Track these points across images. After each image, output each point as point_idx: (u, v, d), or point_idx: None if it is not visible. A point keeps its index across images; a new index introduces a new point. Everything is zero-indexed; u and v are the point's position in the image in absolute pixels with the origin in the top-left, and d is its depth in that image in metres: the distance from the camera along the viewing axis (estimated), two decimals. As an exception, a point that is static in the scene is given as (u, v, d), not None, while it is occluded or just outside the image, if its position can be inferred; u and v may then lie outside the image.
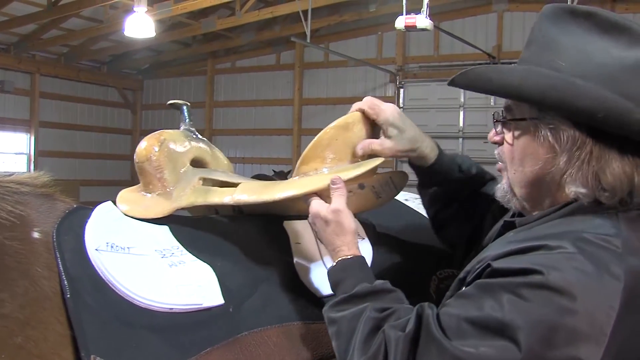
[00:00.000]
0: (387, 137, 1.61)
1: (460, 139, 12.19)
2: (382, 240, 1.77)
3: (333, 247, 1.44)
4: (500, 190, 1.39)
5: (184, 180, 1.65)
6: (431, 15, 7.41)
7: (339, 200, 1.46)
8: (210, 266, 1.47)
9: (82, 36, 13.09)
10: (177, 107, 1.86)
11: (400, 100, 12.74)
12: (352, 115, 1.62)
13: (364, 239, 1.70)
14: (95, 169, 15.01)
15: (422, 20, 7.24)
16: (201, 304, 1.38)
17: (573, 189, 1.21)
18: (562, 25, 1.27)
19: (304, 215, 1.60)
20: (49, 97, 14.28)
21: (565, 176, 1.22)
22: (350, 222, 1.45)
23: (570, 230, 1.17)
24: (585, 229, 1.17)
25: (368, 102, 1.63)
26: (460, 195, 1.69)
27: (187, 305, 1.36)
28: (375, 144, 1.62)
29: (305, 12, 9.99)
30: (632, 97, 1.17)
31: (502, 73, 1.27)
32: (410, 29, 7.38)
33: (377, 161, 1.60)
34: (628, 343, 1.11)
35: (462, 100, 12.09)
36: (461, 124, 12.19)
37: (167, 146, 1.65)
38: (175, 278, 1.39)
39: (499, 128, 1.36)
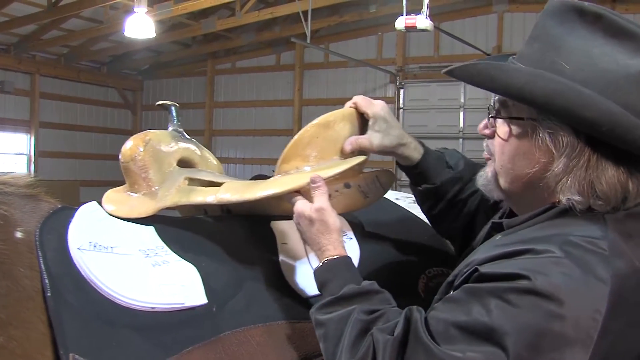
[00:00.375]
0: (375, 132, 1.61)
1: (461, 140, 12.18)
2: (370, 239, 1.77)
3: (318, 246, 1.43)
4: (483, 178, 1.38)
5: (170, 180, 1.65)
6: (431, 16, 7.40)
7: (321, 198, 1.45)
8: (195, 266, 1.47)
9: (82, 37, 13.10)
10: (166, 107, 1.86)
11: (401, 101, 12.74)
12: (333, 113, 1.62)
13: (351, 238, 1.70)
14: (95, 170, 15.01)
15: (423, 21, 7.24)
16: (184, 303, 1.38)
17: (568, 196, 1.19)
18: (568, 24, 1.23)
19: (290, 216, 1.60)
20: (49, 97, 14.29)
21: (560, 182, 1.19)
22: (334, 220, 1.44)
23: (557, 234, 1.16)
24: (572, 232, 1.16)
25: (360, 97, 1.65)
26: (451, 190, 1.69)
27: (170, 304, 1.36)
28: (363, 139, 1.61)
29: (305, 12, 9.99)
30: (634, 108, 1.16)
31: (506, 73, 1.23)
32: (411, 29, 7.37)
33: (359, 159, 1.60)
34: (615, 347, 1.10)
35: (462, 100, 12.08)
36: (461, 125, 12.18)
37: (153, 146, 1.65)
38: (158, 277, 1.39)
39: (492, 120, 1.34)
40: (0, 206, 1.32)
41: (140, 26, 9.66)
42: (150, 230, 1.53)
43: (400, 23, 7.32)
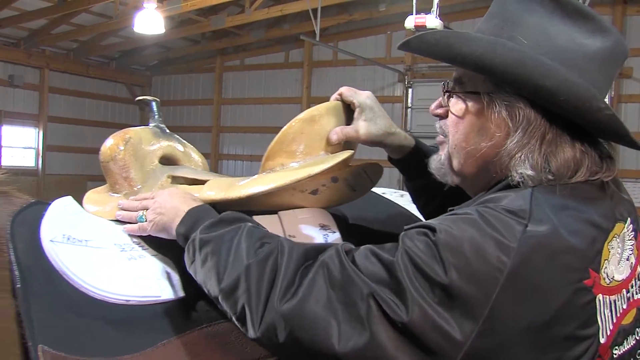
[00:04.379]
0: (362, 121, 1.57)
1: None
2: (353, 232, 1.74)
3: (172, 214, 1.39)
4: (436, 161, 1.36)
5: (152, 179, 1.63)
6: (441, 15, 7.34)
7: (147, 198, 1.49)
8: (172, 261, 1.45)
9: (91, 32, 13.14)
10: (147, 103, 1.84)
11: (409, 100, 12.71)
12: (317, 107, 1.58)
13: (335, 232, 1.67)
14: (103, 165, 15.07)
15: (432, 20, 7.18)
16: (159, 297, 1.36)
17: (521, 170, 1.16)
18: (526, 3, 1.22)
19: (272, 211, 1.58)
20: (58, 92, 14.34)
21: (514, 157, 1.17)
22: (166, 192, 1.46)
23: (484, 204, 1.14)
24: (498, 199, 1.14)
25: (344, 88, 1.61)
26: (444, 186, 1.66)
27: (145, 297, 1.34)
28: (349, 129, 1.57)
29: (314, 10, 9.98)
30: (591, 85, 1.15)
31: (465, 40, 1.20)
32: (420, 28, 7.31)
33: (346, 153, 1.57)
34: (511, 313, 1.04)
35: (470, 100, 12.01)
36: (469, 125, 12.13)
37: (133, 144, 1.63)
38: (133, 271, 1.38)
39: (445, 99, 1.32)
40: None
41: (149, 22, 9.70)
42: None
43: (410, 22, 7.27)
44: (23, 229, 1.34)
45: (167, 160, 1.71)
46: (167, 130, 1.77)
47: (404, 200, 2.02)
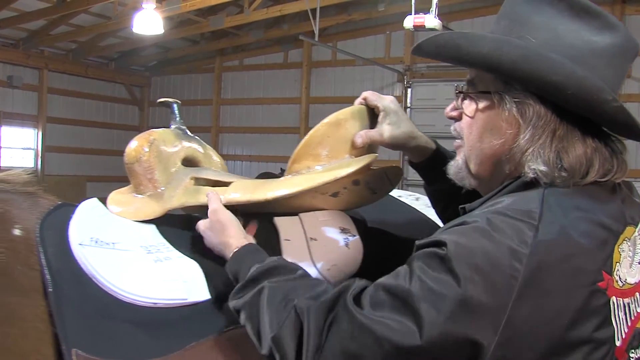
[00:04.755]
0: (387, 124, 1.59)
1: (468, 140, 12.14)
2: (373, 236, 1.75)
3: (222, 245, 1.43)
4: (454, 166, 1.37)
5: (176, 180, 1.64)
6: (440, 15, 7.38)
7: (213, 202, 1.50)
8: (197, 262, 1.46)
9: (90, 32, 13.13)
10: (168, 105, 1.83)
11: (408, 100, 12.72)
12: (343, 111, 1.60)
13: (355, 235, 1.68)
14: (102, 165, 15.05)
15: (431, 20, 7.21)
16: (186, 299, 1.37)
17: (534, 167, 1.17)
18: (534, 3, 1.24)
19: (294, 212, 1.59)
20: (57, 92, 14.32)
21: (526, 153, 1.18)
22: (227, 216, 1.47)
23: (494, 209, 1.14)
24: (508, 205, 1.14)
25: (369, 92, 1.64)
26: (462, 190, 1.67)
27: (172, 300, 1.35)
28: (373, 132, 1.60)
29: (313, 10, 9.99)
30: (600, 79, 1.16)
31: (472, 40, 1.22)
32: (419, 28, 7.35)
33: (371, 157, 1.59)
34: (529, 318, 1.05)
35: (469, 100, 12.04)
36: (469, 125, 12.15)
37: (157, 146, 1.63)
38: (160, 273, 1.39)
39: (459, 102, 1.33)
40: None
41: (148, 22, 9.69)
42: (151, 227, 1.53)
43: (409, 22, 7.30)
44: (52, 231, 1.34)
45: (189, 162, 1.72)
46: (188, 132, 1.79)
47: (419, 203, 2.03)
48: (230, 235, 1.42)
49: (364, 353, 1.09)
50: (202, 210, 1.80)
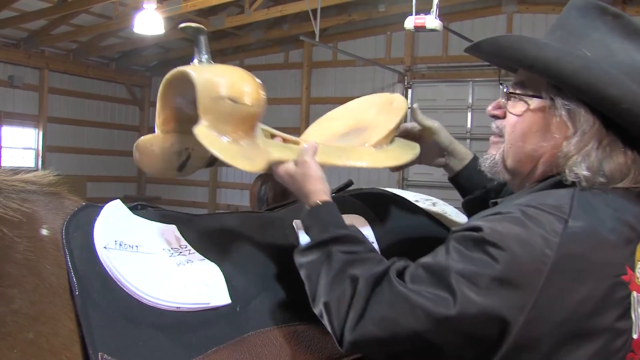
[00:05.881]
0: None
1: (468, 140, 12.16)
2: (386, 237, 1.76)
3: (305, 192, 1.47)
4: (489, 159, 1.43)
5: (257, 132, 1.51)
6: (440, 16, 7.37)
7: (306, 153, 1.50)
8: (218, 265, 1.47)
9: (91, 32, 13.10)
10: (189, 33, 1.56)
11: (409, 100, 12.72)
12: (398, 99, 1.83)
13: (372, 242, 1.69)
14: (102, 165, 15.04)
15: (432, 21, 7.20)
16: (208, 303, 1.38)
17: (577, 171, 1.23)
18: (589, 19, 1.31)
19: None
20: (57, 92, 14.30)
21: (572, 158, 1.24)
22: (317, 170, 1.48)
23: (526, 202, 1.23)
24: (541, 200, 1.22)
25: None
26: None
27: (194, 304, 1.36)
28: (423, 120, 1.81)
29: (314, 11, 9.98)
30: None
31: (538, 45, 1.28)
32: (420, 29, 7.34)
33: (417, 147, 1.74)
34: (554, 302, 1.13)
35: (470, 101, 12.06)
36: (469, 125, 12.16)
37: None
38: (182, 277, 1.39)
39: (505, 101, 1.38)
40: (23, 204, 1.33)
41: (149, 22, 9.68)
42: (172, 229, 1.53)
43: (409, 23, 7.29)
44: (77, 233, 1.35)
45: None
46: None
47: (436, 209, 2.04)
48: (315, 187, 1.46)
49: (399, 319, 1.18)
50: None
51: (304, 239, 1.45)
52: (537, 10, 11.63)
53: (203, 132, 1.38)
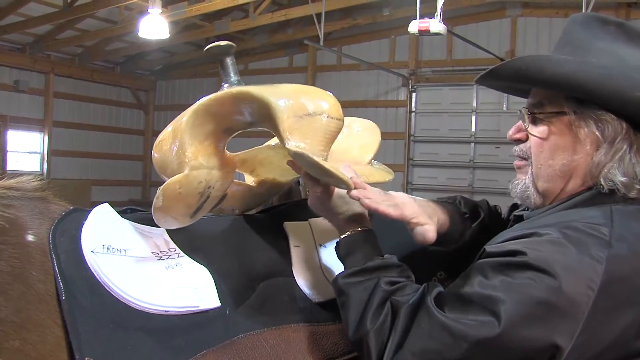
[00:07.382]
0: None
1: (472, 144, 12.15)
2: (380, 242, 1.75)
3: (341, 218, 1.45)
4: (520, 185, 1.40)
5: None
6: (445, 20, 7.39)
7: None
8: (207, 268, 1.46)
9: (96, 37, 13.17)
10: (215, 56, 1.48)
11: (413, 104, 12.72)
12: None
13: None
14: (107, 169, 15.10)
15: (436, 25, 7.22)
16: (197, 307, 1.37)
17: (613, 179, 1.23)
18: (593, 31, 1.32)
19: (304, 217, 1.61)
20: (63, 97, 14.38)
21: (605, 167, 1.24)
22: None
23: (563, 221, 1.21)
24: (578, 219, 1.21)
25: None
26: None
27: (183, 307, 1.35)
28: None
29: (318, 15, 10.00)
30: None
31: (555, 63, 1.27)
32: (424, 33, 7.36)
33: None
34: (602, 327, 1.13)
35: (474, 105, 12.05)
36: (473, 129, 12.15)
37: None
38: (171, 280, 1.39)
39: (526, 124, 1.37)
40: (6, 210, 1.29)
41: (154, 27, 9.71)
42: (161, 232, 1.52)
43: (414, 26, 7.31)
44: (64, 238, 1.33)
45: None
46: None
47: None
48: (364, 211, 1.46)
49: (441, 349, 1.15)
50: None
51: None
52: (541, 14, 11.63)
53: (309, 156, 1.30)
